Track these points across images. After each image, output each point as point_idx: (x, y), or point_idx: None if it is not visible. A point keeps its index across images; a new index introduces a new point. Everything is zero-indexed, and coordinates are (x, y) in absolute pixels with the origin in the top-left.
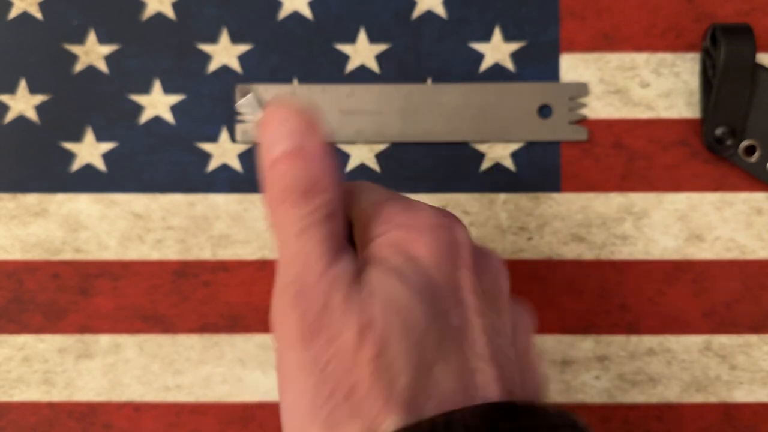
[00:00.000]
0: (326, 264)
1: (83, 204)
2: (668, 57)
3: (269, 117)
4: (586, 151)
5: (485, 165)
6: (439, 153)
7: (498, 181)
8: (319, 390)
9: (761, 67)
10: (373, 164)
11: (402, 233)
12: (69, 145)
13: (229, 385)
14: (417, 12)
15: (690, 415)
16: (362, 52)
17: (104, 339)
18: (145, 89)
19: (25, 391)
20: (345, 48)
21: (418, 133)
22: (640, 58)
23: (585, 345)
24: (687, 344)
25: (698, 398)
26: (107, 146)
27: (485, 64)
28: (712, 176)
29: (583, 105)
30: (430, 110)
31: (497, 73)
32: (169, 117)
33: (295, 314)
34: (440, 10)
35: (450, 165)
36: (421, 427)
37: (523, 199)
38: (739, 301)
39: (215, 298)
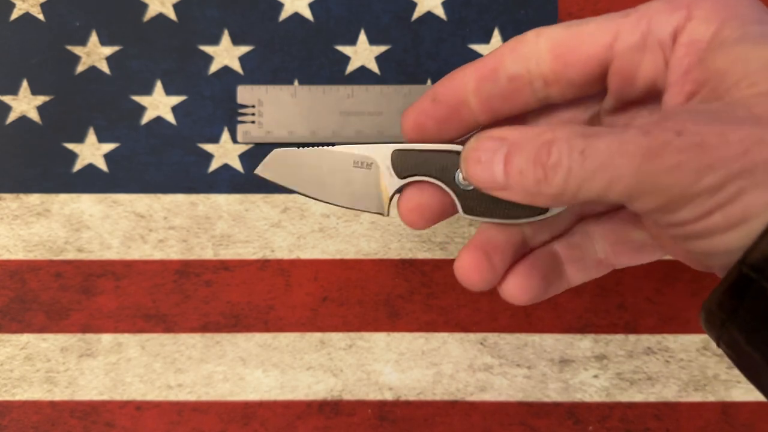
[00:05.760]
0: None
1: (86, 204)
2: None
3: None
4: None
5: None
6: None
7: None
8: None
9: None
10: None
11: None
12: (71, 146)
13: (230, 383)
14: (417, 13)
15: (688, 413)
16: (362, 53)
17: (106, 338)
18: (147, 90)
19: (28, 390)
20: (345, 49)
21: None
22: None
23: (583, 344)
24: (685, 343)
25: (696, 397)
26: (109, 147)
27: None
28: None
29: None
30: None
31: None
32: (170, 118)
33: None
34: (440, 12)
35: None
36: None
37: None
38: None
39: (217, 297)
